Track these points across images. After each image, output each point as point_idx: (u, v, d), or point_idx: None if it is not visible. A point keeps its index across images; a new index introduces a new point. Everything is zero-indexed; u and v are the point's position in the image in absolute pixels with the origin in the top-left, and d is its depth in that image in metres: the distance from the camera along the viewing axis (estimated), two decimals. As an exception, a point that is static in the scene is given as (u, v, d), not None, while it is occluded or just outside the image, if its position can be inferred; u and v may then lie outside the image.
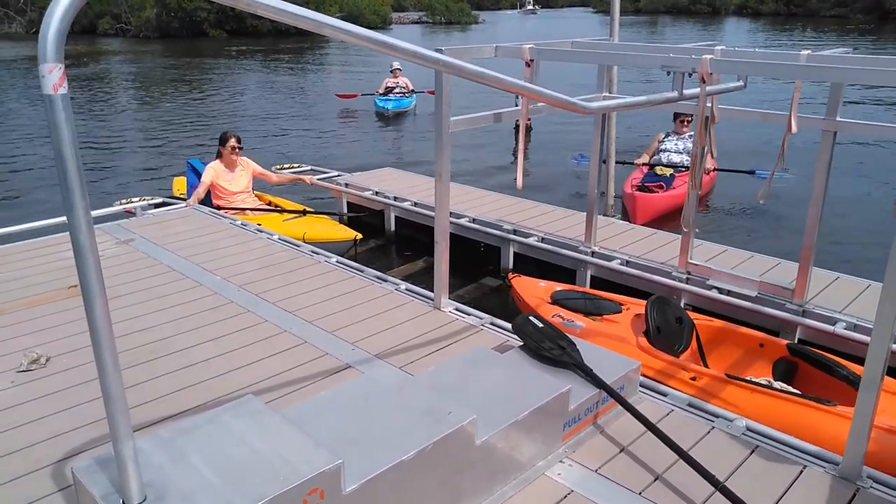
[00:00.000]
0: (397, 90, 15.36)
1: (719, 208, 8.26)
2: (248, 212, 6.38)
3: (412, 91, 15.52)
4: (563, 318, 4.10)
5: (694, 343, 3.90)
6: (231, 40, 39.40)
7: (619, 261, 5.04)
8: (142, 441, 1.99)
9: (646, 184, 7.49)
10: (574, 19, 66.88)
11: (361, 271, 4.48)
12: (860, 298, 4.31)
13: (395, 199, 6.66)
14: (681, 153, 7.95)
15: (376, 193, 6.81)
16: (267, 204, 6.82)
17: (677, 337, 3.86)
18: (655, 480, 2.52)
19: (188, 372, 3.25)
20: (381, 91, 15.52)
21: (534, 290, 4.52)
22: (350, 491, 1.95)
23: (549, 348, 2.98)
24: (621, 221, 6.02)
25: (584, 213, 5.26)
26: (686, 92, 3.37)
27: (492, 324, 3.74)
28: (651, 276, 4.81)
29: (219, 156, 6.46)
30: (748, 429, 2.85)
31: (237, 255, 4.81)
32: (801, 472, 2.59)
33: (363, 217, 6.96)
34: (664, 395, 3.11)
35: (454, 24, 58.32)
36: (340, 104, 16.44)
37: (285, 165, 7.99)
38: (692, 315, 4.04)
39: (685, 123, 8.01)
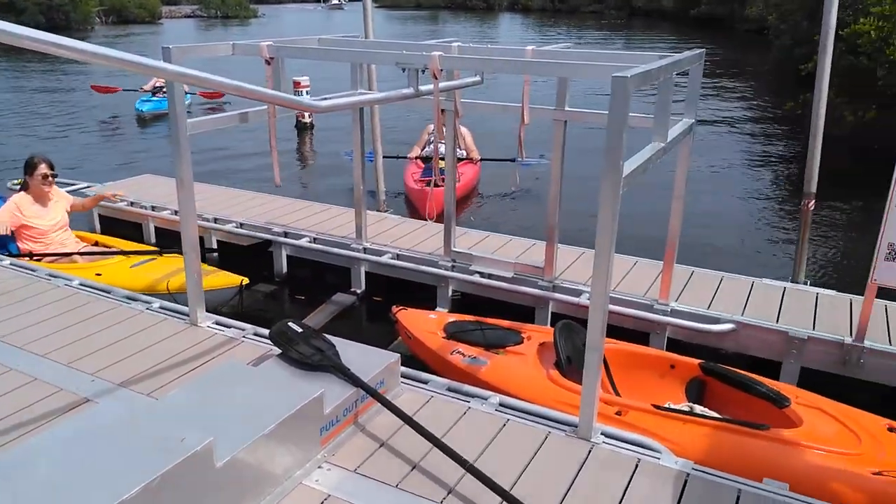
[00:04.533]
0: (166, 90, 14.15)
1: (486, 196, 8.63)
2: (76, 257, 5.03)
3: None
4: (463, 354, 3.73)
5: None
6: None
7: (391, 255, 5.11)
8: None
9: (433, 178, 7.62)
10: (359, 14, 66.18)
11: (109, 292, 4.09)
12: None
13: (154, 208, 6.15)
14: None
15: (132, 204, 6.23)
16: (94, 245, 5.37)
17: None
18: (412, 470, 2.59)
19: None
20: (147, 88, 14.16)
21: (424, 324, 4.11)
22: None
23: (309, 354, 2.93)
24: (393, 216, 6.08)
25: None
26: (422, 88, 3.47)
27: (255, 334, 3.60)
28: (421, 266, 4.94)
29: (24, 188, 5.10)
30: (501, 404, 3.02)
31: (-46, 287, 4.16)
32: (546, 438, 2.80)
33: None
34: (425, 382, 3.20)
35: (231, 19, 55.54)
36: (98, 104, 14.82)
37: (16, 181, 6.72)
38: None
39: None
